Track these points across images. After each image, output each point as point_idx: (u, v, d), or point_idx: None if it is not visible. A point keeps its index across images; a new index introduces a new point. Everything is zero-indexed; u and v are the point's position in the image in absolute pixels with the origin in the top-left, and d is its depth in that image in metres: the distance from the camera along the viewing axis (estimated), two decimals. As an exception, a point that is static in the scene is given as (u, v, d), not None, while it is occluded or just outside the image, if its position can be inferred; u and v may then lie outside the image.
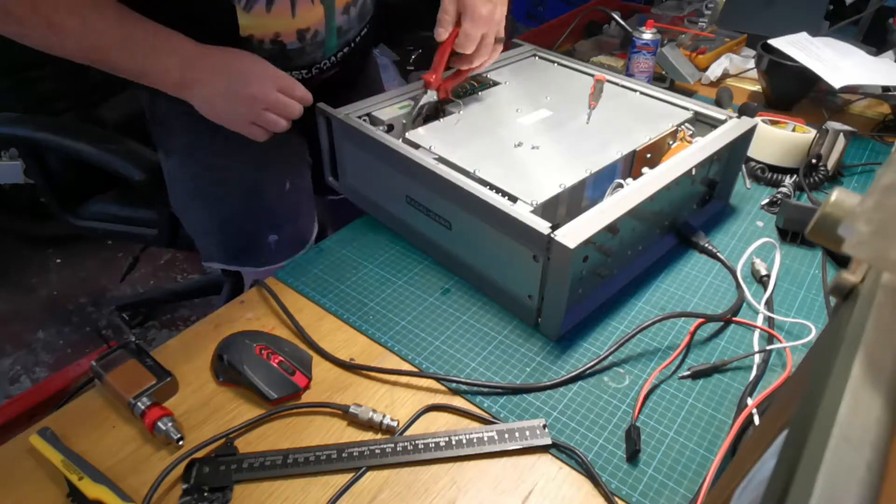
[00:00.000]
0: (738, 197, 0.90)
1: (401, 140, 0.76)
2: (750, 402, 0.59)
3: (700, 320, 0.68)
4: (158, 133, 0.89)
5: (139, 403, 0.57)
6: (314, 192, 0.96)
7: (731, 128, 0.79)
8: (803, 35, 1.13)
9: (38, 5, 0.59)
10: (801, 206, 0.82)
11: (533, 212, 0.64)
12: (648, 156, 0.79)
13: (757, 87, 1.21)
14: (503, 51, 1.02)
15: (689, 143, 0.80)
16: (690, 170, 0.72)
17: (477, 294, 0.73)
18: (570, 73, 0.96)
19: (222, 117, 0.73)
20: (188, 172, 0.88)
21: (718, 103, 1.10)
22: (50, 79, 1.16)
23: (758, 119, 0.88)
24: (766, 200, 0.88)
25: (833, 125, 0.91)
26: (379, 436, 0.58)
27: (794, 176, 0.91)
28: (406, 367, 0.64)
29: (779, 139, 0.92)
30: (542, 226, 0.61)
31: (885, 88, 1.09)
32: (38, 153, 1.16)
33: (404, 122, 0.82)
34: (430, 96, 0.81)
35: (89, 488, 0.51)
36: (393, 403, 0.61)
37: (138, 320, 1.76)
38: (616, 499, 0.52)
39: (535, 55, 1.02)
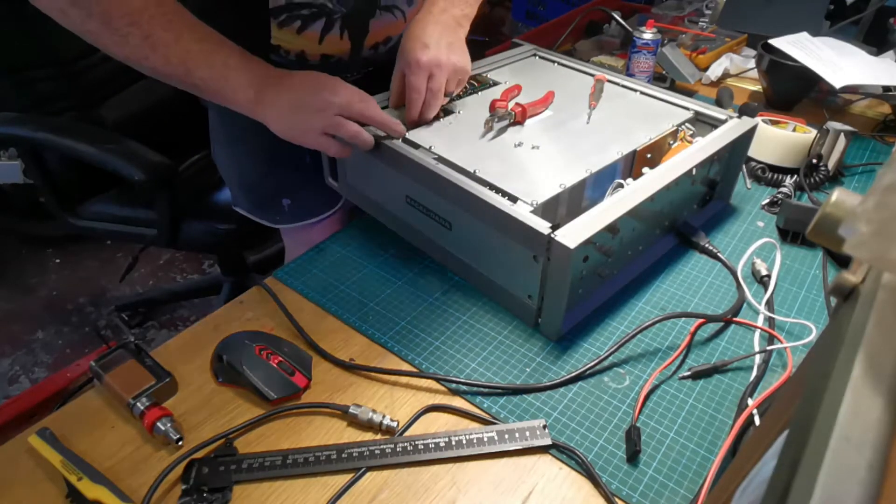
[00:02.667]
0: (738, 197, 0.90)
1: (401, 140, 0.76)
2: (750, 402, 0.58)
3: (700, 320, 0.68)
4: None
5: (138, 404, 0.57)
6: None
7: (732, 128, 0.79)
8: (804, 35, 1.13)
9: (137, 19, 0.61)
10: (802, 206, 0.81)
11: (533, 212, 0.64)
12: (649, 156, 0.79)
13: (757, 87, 1.21)
14: (503, 50, 1.02)
15: (690, 143, 0.80)
16: (691, 170, 0.72)
17: (477, 294, 0.73)
18: (571, 73, 0.96)
19: (295, 131, 0.71)
20: (222, 127, 0.96)
21: (719, 103, 1.10)
22: (50, 79, 1.16)
23: (758, 119, 0.88)
24: (767, 200, 0.88)
25: (833, 125, 0.91)
26: (379, 436, 0.58)
27: (795, 176, 0.91)
28: (406, 367, 0.64)
29: (779, 139, 0.92)
30: (542, 226, 0.61)
31: (886, 88, 1.09)
32: (37, 153, 1.15)
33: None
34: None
35: (88, 489, 0.51)
36: (393, 404, 0.60)
37: (137, 320, 1.76)
38: (616, 499, 0.52)
39: (535, 55, 1.02)
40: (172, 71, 0.66)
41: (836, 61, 1.05)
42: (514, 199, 0.66)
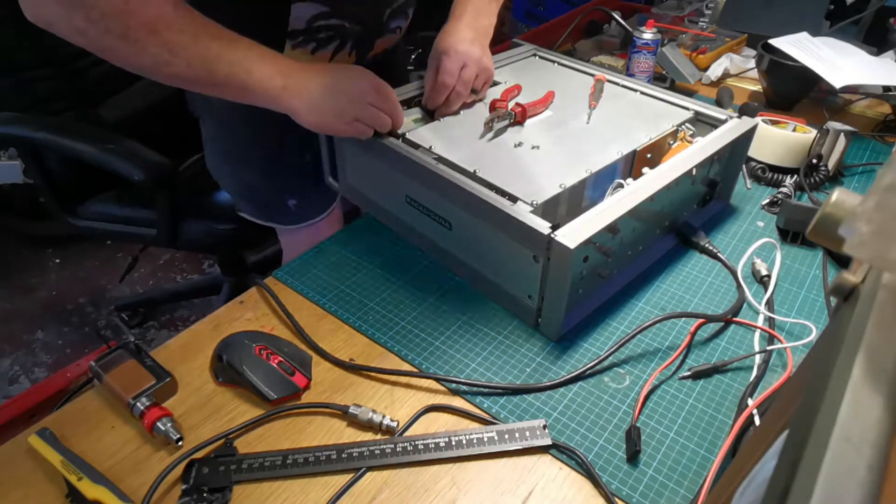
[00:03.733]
0: (738, 197, 0.90)
1: (401, 140, 0.76)
2: (750, 402, 0.58)
3: (700, 321, 0.67)
4: (196, 99, 0.95)
5: (138, 404, 0.57)
6: None
7: (732, 128, 0.79)
8: (804, 35, 1.13)
9: (155, 26, 0.62)
10: (802, 206, 0.81)
11: (533, 212, 0.64)
12: (649, 156, 0.79)
13: (757, 87, 1.21)
14: (503, 50, 1.02)
15: (690, 143, 0.80)
16: (691, 170, 0.72)
17: (477, 294, 0.73)
18: (571, 73, 0.96)
19: (327, 116, 0.72)
20: (220, 138, 0.97)
21: (719, 103, 1.10)
22: (49, 79, 1.16)
23: (758, 119, 0.88)
24: (767, 200, 0.88)
25: (834, 125, 0.91)
26: (379, 436, 0.58)
27: (795, 176, 0.91)
28: (406, 367, 0.64)
29: (779, 139, 0.92)
30: (543, 226, 0.61)
31: (886, 88, 1.09)
32: (37, 153, 1.15)
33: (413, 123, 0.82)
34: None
35: (88, 489, 0.51)
36: (393, 404, 0.60)
37: (137, 320, 1.76)
38: (616, 499, 0.52)
39: (535, 55, 1.02)
40: (194, 74, 0.66)
41: (836, 61, 1.05)
42: (514, 199, 0.66)
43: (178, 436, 0.56)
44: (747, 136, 0.81)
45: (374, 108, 0.73)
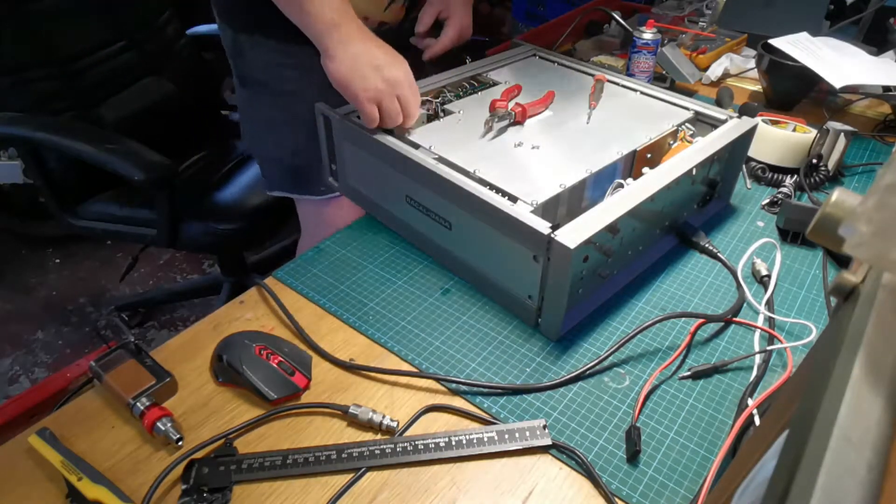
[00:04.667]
0: (738, 197, 0.90)
1: (401, 140, 0.76)
2: (750, 402, 0.58)
3: (700, 321, 0.67)
4: (238, 65, 0.94)
5: (138, 404, 0.57)
6: None
7: (732, 128, 0.79)
8: (804, 35, 1.13)
9: None
10: (802, 206, 0.81)
11: (533, 212, 0.64)
12: (649, 156, 0.79)
13: (757, 87, 1.20)
14: (503, 50, 1.02)
15: (690, 143, 0.80)
16: (691, 170, 0.72)
17: (477, 294, 0.73)
18: (571, 73, 0.96)
19: (356, 78, 0.73)
20: (261, 105, 0.96)
21: (719, 103, 1.10)
22: (49, 79, 1.16)
23: (758, 119, 0.88)
24: (767, 200, 0.88)
25: (834, 125, 0.91)
26: (379, 436, 0.58)
27: (795, 176, 0.91)
28: (406, 367, 0.64)
29: (779, 139, 0.92)
30: (543, 226, 0.61)
31: (886, 88, 1.09)
32: (37, 153, 1.16)
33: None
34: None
35: (88, 489, 0.51)
36: (393, 404, 0.60)
37: (137, 320, 1.76)
38: (616, 499, 0.52)
39: (535, 55, 1.02)
40: None
41: (836, 61, 1.05)
42: (514, 199, 0.66)
43: (178, 436, 0.56)
44: (747, 136, 0.81)
45: (398, 103, 0.74)
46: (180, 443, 0.56)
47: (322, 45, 0.74)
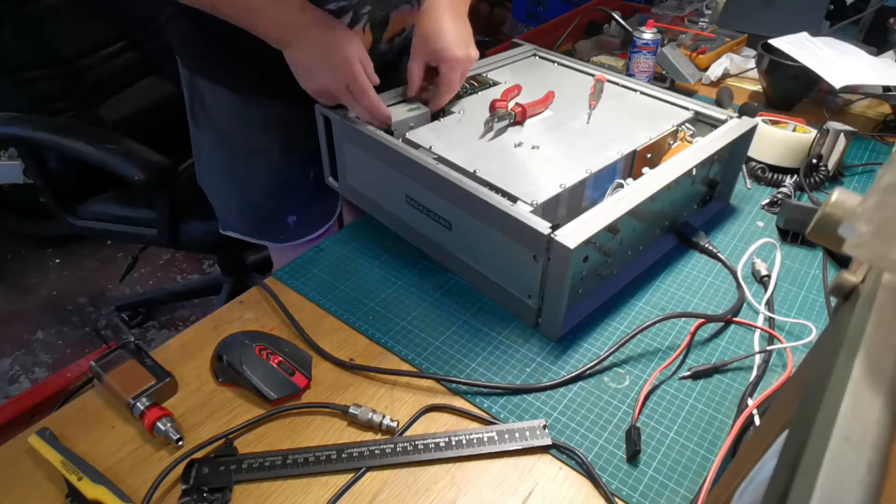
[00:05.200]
0: (738, 197, 0.90)
1: (401, 140, 0.76)
2: (750, 402, 0.58)
3: (700, 321, 0.67)
4: (196, 109, 0.91)
5: (138, 404, 0.57)
6: None
7: (732, 128, 0.79)
8: (804, 35, 1.13)
9: None
10: (802, 206, 0.81)
11: (533, 212, 0.64)
12: (649, 156, 0.79)
13: (757, 87, 1.21)
14: (503, 50, 1.02)
15: (690, 143, 0.80)
16: (691, 170, 0.72)
17: (477, 294, 0.73)
18: (571, 73, 0.96)
19: (318, 73, 0.72)
20: (220, 153, 0.92)
21: (719, 103, 1.10)
22: (50, 79, 1.16)
23: (758, 119, 0.88)
24: (767, 200, 0.88)
25: (833, 125, 0.91)
26: (379, 436, 0.58)
27: (795, 176, 0.91)
28: (406, 367, 0.64)
29: (779, 139, 0.92)
30: (542, 226, 0.61)
31: (886, 88, 1.09)
32: (37, 153, 1.16)
33: (412, 124, 0.81)
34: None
35: (88, 489, 0.51)
36: (393, 404, 0.60)
37: (137, 320, 1.76)
38: (616, 499, 0.52)
39: (535, 55, 1.02)
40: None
41: (836, 61, 1.05)
42: (514, 199, 0.66)
43: (178, 436, 0.56)
44: (747, 136, 0.81)
45: (348, 92, 0.73)
46: (180, 443, 0.56)
47: (280, 35, 0.72)
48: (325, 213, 0.98)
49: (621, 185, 0.71)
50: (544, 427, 0.57)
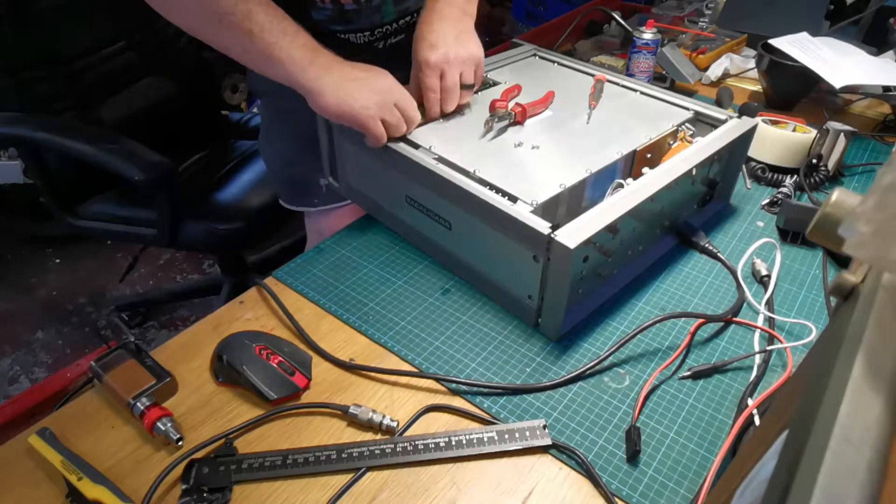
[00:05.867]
0: (738, 197, 0.90)
1: (401, 140, 0.76)
2: (750, 402, 0.58)
3: (700, 321, 0.67)
4: (251, 79, 0.94)
5: (138, 404, 0.57)
6: None
7: (732, 128, 0.79)
8: (804, 35, 1.13)
9: None
10: (802, 206, 0.81)
11: (533, 212, 0.64)
12: (649, 156, 0.79)
13: (757, 87, 1.20)
14: (503, 50, 1.02)
15: (690, 143, 0.80)
16: (691, 170, 0.72)
17: (477, 294, 0.73)
18: (571, 73, 0.96)
19: (350, 103, 0.71)
20: (265, 116, 1.01)
21: (719, 103, 1.10)
22: (50, 79, 1.16)
23: (758, 119, 0.88)
24: (767, 200, 0.88)
25: (833, 125, 0.91)
26: (379, 436, 0.58)
27: (795, 176, 0.91)
28: (406, 367, 0.64)
29: (779, 139, 0.92)
30: (542, 226, 0.61)
31: (886, 88, 1.09)
32: (37, 153, 1.16)
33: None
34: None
35: (88, 489, 0.51)
36: (393, 404, 0.60)
37: (137, 320, 1.76)
38: (616, 499, 0.52)
39: (535, 55, 1.02)
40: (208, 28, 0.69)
41: (836, 61, 1.05)
42: (514, 199, 0.66)
43: (178, 436, 0.56)
44: (747, 136, 0.81)
45: (397, 111, 0.72)
46: (180, 443, 0.56)
47: (303, 87, 0.71)
48: None
49: (621, 185, 0.71)
50: (544, 427, 0.57)
